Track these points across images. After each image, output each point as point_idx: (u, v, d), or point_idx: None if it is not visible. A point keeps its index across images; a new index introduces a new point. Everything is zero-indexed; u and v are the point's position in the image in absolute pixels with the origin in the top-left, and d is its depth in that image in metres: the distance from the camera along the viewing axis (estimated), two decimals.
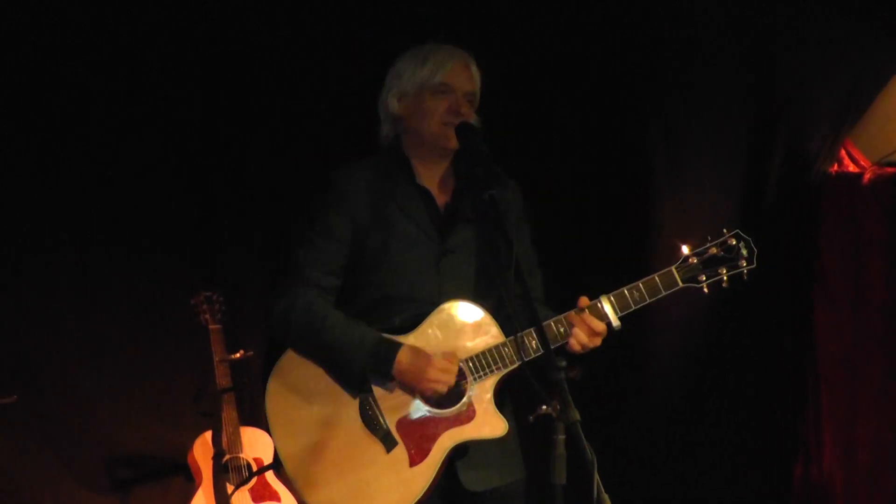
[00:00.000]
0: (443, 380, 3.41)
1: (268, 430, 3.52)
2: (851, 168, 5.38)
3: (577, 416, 2.94)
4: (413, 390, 3.45)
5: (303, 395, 3.48)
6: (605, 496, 2.94)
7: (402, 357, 3.42)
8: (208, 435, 5.09)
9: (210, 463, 4.95)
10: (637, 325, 3.53)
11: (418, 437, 3.44)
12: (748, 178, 5.42)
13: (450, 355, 3.44)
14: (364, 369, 3.43)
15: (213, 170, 5.56)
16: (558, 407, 2.97)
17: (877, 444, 5.26)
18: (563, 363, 3.06)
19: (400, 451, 3.44)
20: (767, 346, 5.43)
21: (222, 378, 5.23)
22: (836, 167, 5.37)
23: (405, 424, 3.46)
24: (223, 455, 5.06)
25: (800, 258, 5.36)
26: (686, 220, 5.25)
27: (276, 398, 3.50)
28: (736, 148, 5.47)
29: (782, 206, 5.33)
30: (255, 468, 5.25)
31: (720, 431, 5.48)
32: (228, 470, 5.19)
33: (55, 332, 5.42)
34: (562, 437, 2.95)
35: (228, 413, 5.22)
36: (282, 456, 3.48)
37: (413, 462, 3.43)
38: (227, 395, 5.21)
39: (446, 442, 3.44)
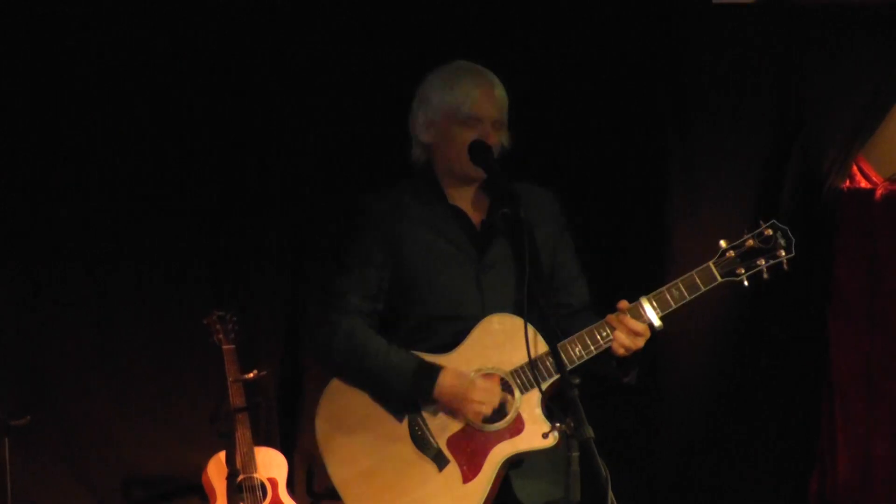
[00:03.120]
0: (487, 401, 3.39)
1: (280, 451, 3.51)
2: (864, 184, 5.37)
3: (590, 432, 2.94)
4: (457, 412, 3.43)
5: (351, 421, 3.48)
6: None
7: (443, 381, 3.40)
8: (222, 455, 5.08)
9: (224, 483, 4.95)
10: (652, 338, 3.50)
11: (469, 454, 3.42)
12: (762, 193, 5.42)
13: (490, 375, 3.43)
14: (407, 395, 3.43)
15: (227, 189, 5.58)
16: (572, 424, 2.97)
17: (895, 461, 5.24)
18: (577, 380, 3.06)
19: (452, 469, 3.42)
20: (783, 362, 5.42)
21: (236, 398, 5.23)
22: (848, 183, 5.37)
23: (455, 441, 3.44)
24: (237, 475, 5.05)
25: (814, 274, 5.35)
26: (701, 237, 5.25)
27: (325, 426, 3.51)
28: (750, 164, 5.47)
29: (796, 221, 5.31)
30: (269, 488, 5.25)
31: (736, 446, 5.46)
32: (242, 490, 5.19)
33: (70, 352, 5.44)
34: (576, 454, 2.96)
35: (242, 433, 5.22)
36: (336, 483, 3.47)
37: (466, 479, 3.42)
38: (240, 414, 5.21)
39: (497, 456, 3.42)
